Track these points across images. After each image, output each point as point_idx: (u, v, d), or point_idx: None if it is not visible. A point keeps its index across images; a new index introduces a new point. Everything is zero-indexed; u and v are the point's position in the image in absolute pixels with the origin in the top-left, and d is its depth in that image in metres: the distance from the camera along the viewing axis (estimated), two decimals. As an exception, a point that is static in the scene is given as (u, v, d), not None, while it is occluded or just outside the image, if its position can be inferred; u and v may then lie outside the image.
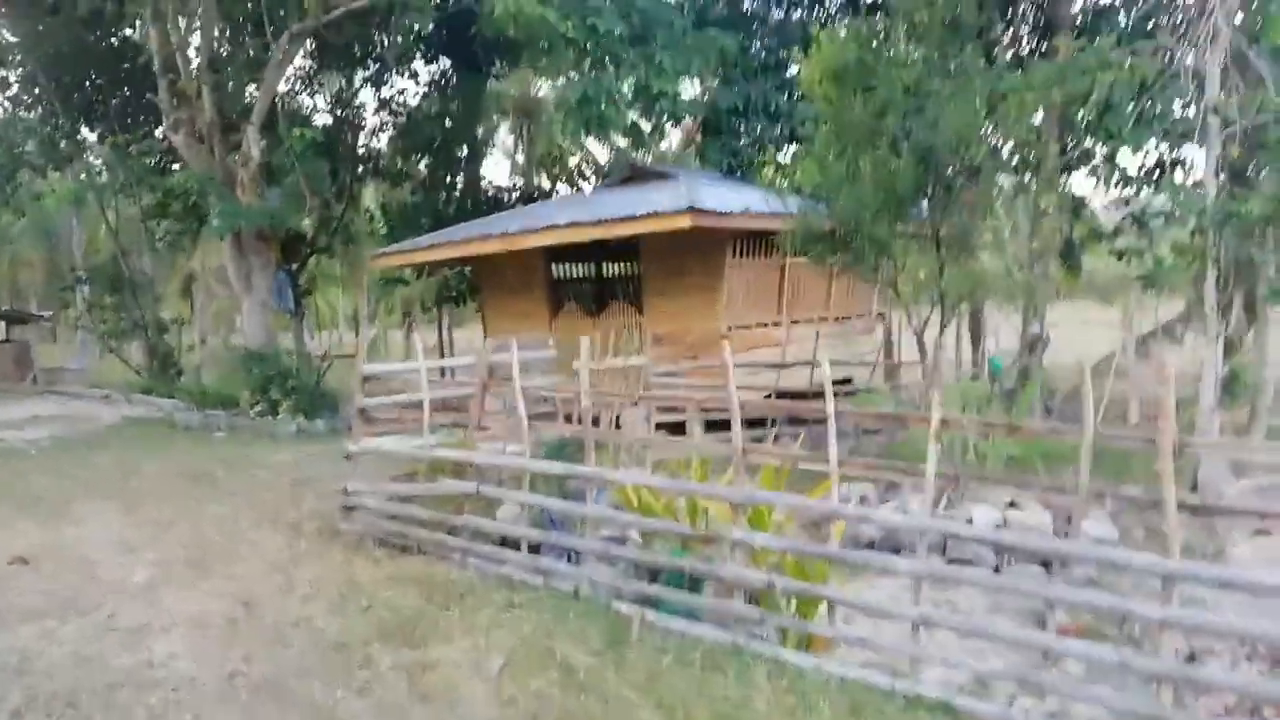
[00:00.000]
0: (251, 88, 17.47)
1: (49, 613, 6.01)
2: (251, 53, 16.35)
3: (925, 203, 10.21)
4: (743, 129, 16.42)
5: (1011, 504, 8.29)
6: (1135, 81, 9.30)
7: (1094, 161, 14.64)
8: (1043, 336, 12.03)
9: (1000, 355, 15.37)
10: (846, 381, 15.65)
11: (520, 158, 25.50)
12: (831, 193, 9.92)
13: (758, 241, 14.08)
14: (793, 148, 16.57)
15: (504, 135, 24.54)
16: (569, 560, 6.74)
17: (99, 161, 19.50)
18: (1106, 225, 18.40)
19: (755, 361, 13.06)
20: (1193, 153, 17.00)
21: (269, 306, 16.93)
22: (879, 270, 10.72)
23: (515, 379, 7.05)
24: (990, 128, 9.71)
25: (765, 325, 14.66)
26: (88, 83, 20.17)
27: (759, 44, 17.29)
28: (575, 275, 17.73)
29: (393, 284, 32.11)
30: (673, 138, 22.76)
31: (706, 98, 14.97)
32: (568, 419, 11.39)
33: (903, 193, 9.56)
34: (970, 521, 7.49)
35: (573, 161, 28.96)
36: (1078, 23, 16.82)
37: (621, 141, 28.09)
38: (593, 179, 24.39)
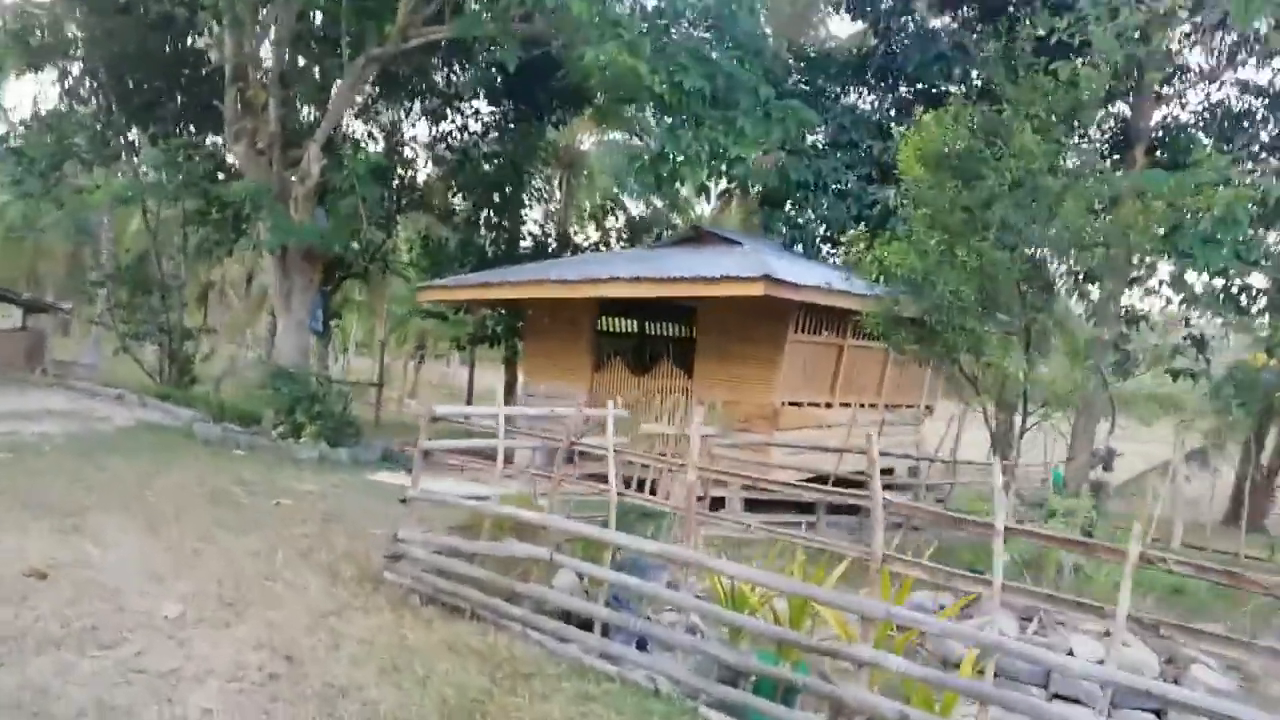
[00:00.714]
0: (312, 108, 17.24)
1: (67, 643, 5.36)
2: (321, 72, 16.13)
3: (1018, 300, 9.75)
4: (809, 204, 16.08)
5: (1106, 633, 7.65)
6: (1249, 200, 8.92)
7: (1158, 278, 14.25)
8: (1110, 450, 11.51)
9: (1058, 466, 14.86)
10: (888, 472, 15.08)
11: (555, 207, 25.30)
12: (923, 279, 9.45)
13: (820, 318, 13.63)
14: (859, 228, 16.21)
15: (544, 183, 24.24)
16: (639, 647, 6.10)
17: (148, 162, 19.18)
18: (1165, 344, 17.96)
19: (823, 445, 12.48)
20: (1258, 280, 16.72)
21: (305, 326, 16.44)
22: (959, 364, 10.20)
23: (610, 443, 6.44)
24: (1096, 232, 9.27)
25: (817, 405, 14.13)
26: (147, 84, 20.03)
27: (830, 123, 17.10)
28: (623, 330, 17.26)
29: (409, 316, 31.84)
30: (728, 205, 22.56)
31: (778, 168, 14.67)
32: (626, 483, 10.83)
33: (1002, 287, 9.08)
34: (1071, 653, 6.85)
35: (611, 221, 28.83)
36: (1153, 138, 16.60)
37: (660, 202, 28.04)
38: (622, 236, 23.84)
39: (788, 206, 16.21)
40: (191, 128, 19.79)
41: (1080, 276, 11.93)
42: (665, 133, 13.20)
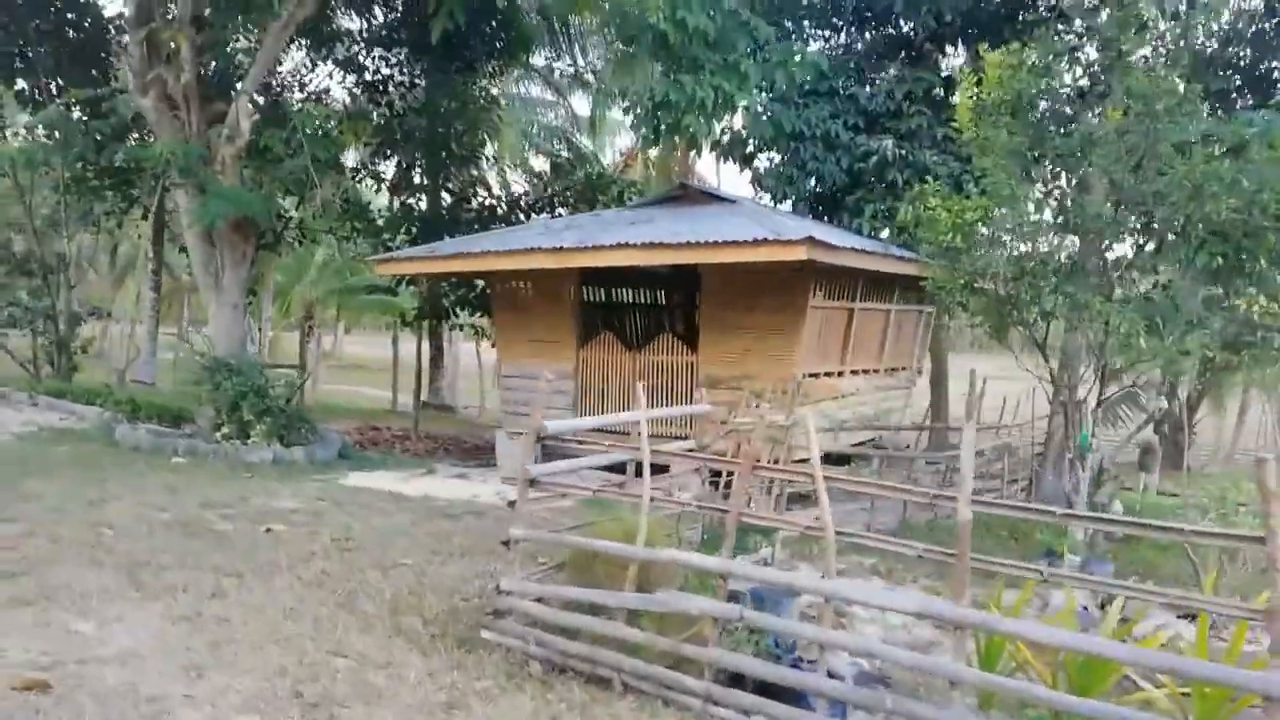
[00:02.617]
0: (239, 55, 14.91)
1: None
2: (246, 16, 13.83)
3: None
4: (797, 158, 14.94)
5: None
6: None
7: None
8: (1160, 409, 10.97)
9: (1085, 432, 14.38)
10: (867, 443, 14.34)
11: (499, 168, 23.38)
12: (1012, 237, 8.44)
13: (837, 282, 12.61)
14: (847, 182, 15.22)
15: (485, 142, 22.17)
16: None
17: (43, 122, 16.32)
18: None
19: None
20: None
21: (240, 310, 14.34)
22: (1032, 331, 9.31)
23: (814, 453, 5.10)
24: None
25: (830, 375, 13.17)
26: (4, 29, 17.03)
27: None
28: (613, 300, 15.83)
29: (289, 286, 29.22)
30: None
31: (768, 117, 13.46)
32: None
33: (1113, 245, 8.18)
34: None
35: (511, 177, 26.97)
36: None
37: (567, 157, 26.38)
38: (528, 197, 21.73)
39: (777, 161, 15.04)
40: (77, 78, 16.91)
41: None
42: (667, 78, 11.76)
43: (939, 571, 8.23)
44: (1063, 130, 8.48)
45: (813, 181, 15.12)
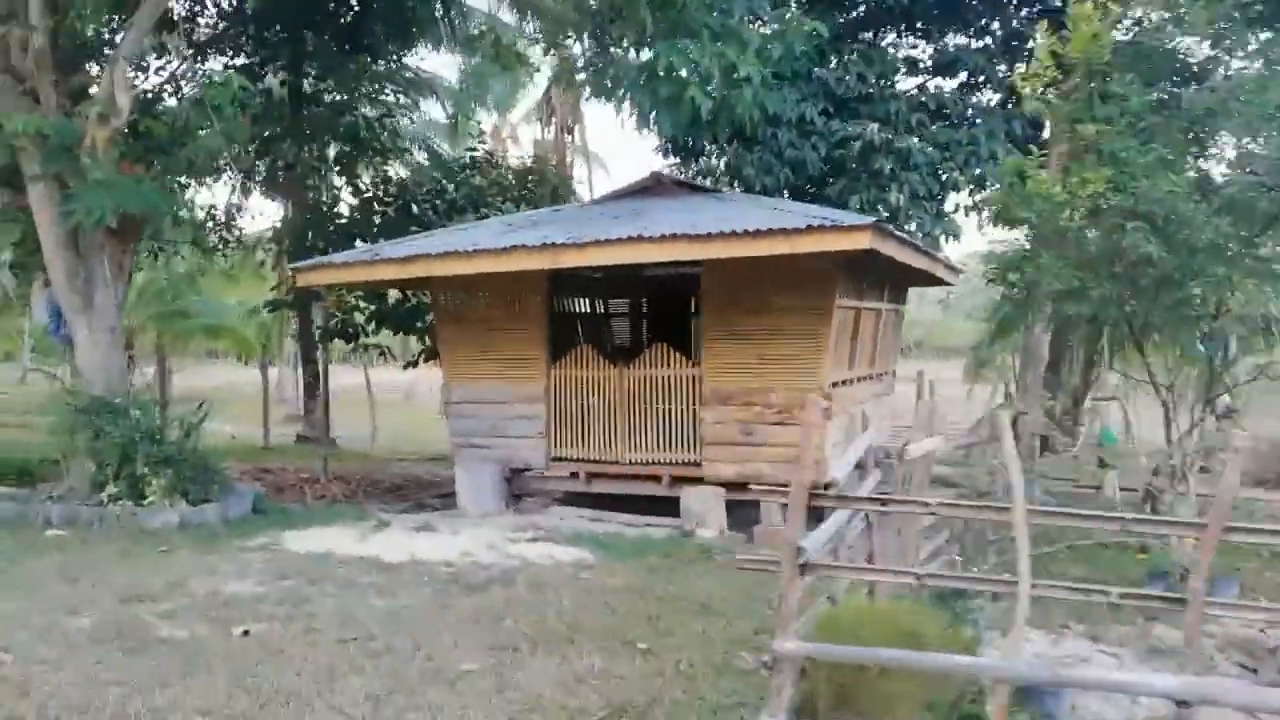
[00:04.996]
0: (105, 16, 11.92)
1: None
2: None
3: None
4: (772, 143, 13.49)
5: None
6: None
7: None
8: (1229, 407, 10.16)
9: (1108, 426, 13.61)
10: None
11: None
12: (1164, 216, 7.14)
13: (857, 279, 11.23)
14: (825, 170, 13.95)
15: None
16: None
17: None
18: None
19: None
20: None
21: (118, 334, 11.39)
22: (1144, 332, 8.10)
23: (1017, 487, 3.47)
24: None
25: (845, 384, 11.75)
26: None
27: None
28: (583, 310, 13.79)
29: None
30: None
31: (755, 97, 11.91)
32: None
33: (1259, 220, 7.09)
34: None
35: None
36: None
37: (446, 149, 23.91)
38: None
39: (759, 145, 13.50)
40: None
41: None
42: (667, 45, 9.97)
43: (1076, 612, 6.93)
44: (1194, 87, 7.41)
45: (788, 170, 13.71)
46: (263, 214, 36.07)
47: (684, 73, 10.07)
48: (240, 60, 16.50)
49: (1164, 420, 8.55)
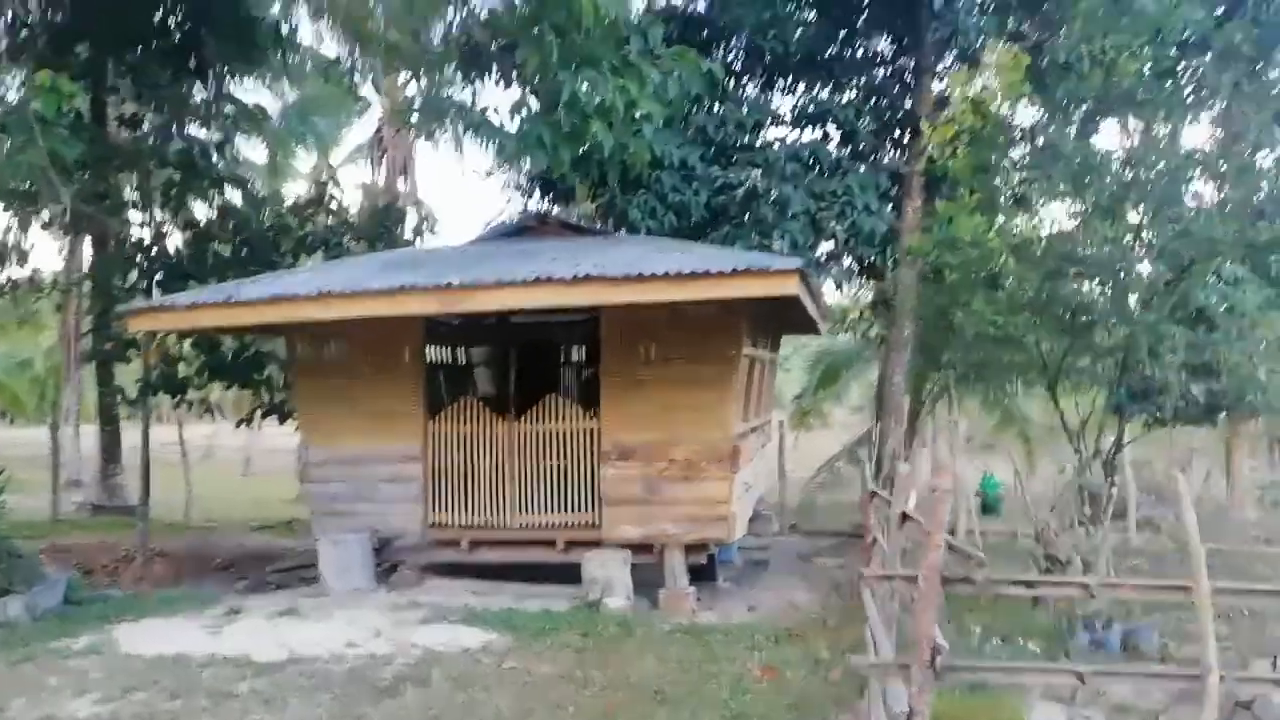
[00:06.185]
0: None
1: None
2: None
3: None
4: (664, 189, 13.02)
5: None
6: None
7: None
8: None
9: (991, 474, 13.64)
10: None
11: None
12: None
13: (758, 324, 10.85)
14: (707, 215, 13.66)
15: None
16: None
17: None
18: None
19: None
20: None
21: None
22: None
23: (1196, 556, 2.99)
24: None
25: (744, 435, 11.28)
26: None
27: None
28: (458, 360, 12.61)
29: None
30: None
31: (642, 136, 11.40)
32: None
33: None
34: None
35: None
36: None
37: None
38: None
39: (646, 188, 12.94)
40: None
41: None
42: (571, 75, 9.27)
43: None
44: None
45: (674, 215, 13.29)
46: (35, 248, 31.84)
47: (586, 107, 9.38)
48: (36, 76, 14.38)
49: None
